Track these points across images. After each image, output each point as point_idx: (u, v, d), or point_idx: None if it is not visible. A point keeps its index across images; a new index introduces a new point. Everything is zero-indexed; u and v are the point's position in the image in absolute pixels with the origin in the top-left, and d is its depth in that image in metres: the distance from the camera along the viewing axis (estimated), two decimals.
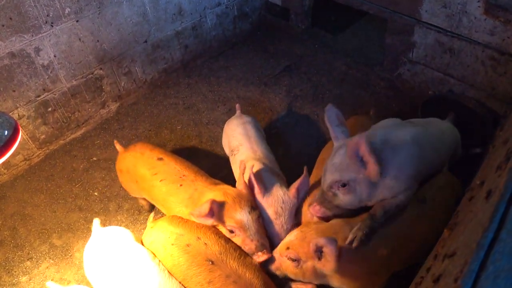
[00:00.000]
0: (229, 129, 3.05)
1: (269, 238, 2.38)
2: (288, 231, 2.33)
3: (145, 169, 2.63)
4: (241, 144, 2.86)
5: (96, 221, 2.49)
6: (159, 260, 2.29)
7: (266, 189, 2.43)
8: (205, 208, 2.21)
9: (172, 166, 2.59)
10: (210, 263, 2.15)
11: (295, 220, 2.43)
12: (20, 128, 1.93)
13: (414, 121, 2.54)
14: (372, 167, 1.98)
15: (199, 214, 2.24)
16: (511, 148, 1.69)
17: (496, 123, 3.14)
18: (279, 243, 2.28)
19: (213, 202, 2.24)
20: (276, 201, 2.38)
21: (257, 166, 2.60)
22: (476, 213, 1.54)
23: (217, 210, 2.27)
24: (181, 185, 2.50)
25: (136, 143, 2.90)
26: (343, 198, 2.13)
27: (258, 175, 2.50)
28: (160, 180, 2.55)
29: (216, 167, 3.28)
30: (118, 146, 2.94)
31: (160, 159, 2.64)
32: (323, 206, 2.18)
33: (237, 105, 3.25)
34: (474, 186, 1.88)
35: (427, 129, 2.39)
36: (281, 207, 2.37)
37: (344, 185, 2.09)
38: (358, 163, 2.01)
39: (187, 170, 2.58)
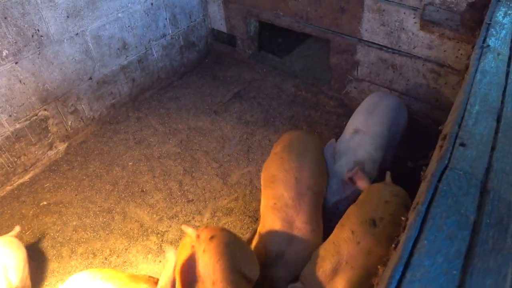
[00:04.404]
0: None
1: None
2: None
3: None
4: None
5: None
6: None
7: None
8: None
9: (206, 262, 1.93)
10: None
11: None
12: None
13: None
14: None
15: None
16: (420, 203, 1.26)
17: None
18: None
19: None
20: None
21: None
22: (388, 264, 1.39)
23: None
24: None
25: (217, 232, 2.06)
26: None
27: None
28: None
29: (170, 202, 3.23)
30: (188, 230, 2.12)
31: (212, 237, 1.99)
32: None
33: None
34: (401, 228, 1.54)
35: None
36: None
37: None
38: None
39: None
